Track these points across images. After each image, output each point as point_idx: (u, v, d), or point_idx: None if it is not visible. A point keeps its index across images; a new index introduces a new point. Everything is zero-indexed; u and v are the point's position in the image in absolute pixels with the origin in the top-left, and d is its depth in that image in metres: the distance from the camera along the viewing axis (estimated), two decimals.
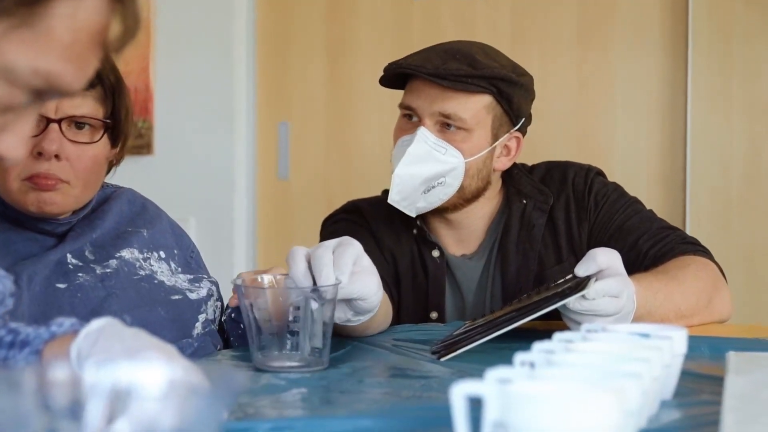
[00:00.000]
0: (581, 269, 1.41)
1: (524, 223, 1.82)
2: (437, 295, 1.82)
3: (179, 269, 1.61)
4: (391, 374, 1.29)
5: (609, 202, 1.81)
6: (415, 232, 1.85)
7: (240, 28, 3.23)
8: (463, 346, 1.34)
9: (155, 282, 1.54)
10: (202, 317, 1.56)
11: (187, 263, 1.64)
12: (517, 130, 1.81)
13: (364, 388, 1.18)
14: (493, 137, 1.78)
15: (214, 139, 3.22)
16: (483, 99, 1.74)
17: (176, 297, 1.54)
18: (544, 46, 3.03)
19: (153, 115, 3.23)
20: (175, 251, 1.63)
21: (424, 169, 1.72)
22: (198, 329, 1.55)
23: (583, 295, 1.35)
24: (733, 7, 2.86)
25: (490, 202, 1.85)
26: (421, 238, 1.85)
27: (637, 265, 1.67)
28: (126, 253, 1.55)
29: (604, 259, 1.40)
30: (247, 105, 3.26)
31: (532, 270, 1.80)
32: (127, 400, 0.64)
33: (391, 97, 1.93)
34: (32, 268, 1.43)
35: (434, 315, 1.82)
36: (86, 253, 1.51)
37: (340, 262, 1.29)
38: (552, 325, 1.52)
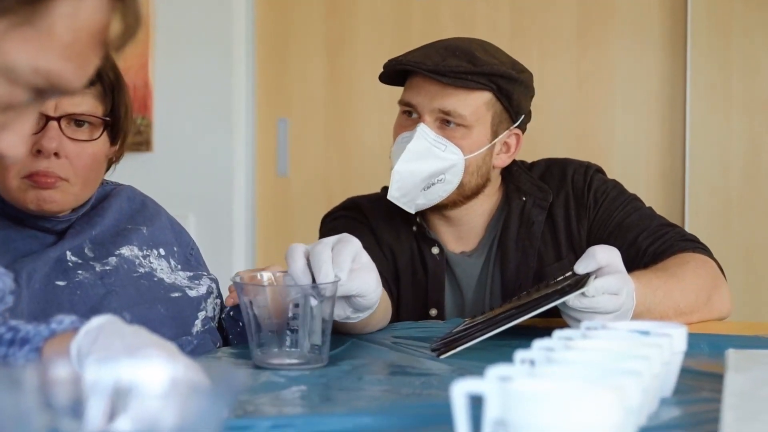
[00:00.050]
0: (581, 266, 1.41)
1: (524, 220, 1.82)
2: (437, 292, 1.82)
3: (179, 266, 1.61)
4: (390, 371, 1.29)
5: (608, 200, 1.81)
6: (414, 229, 1.85)
7: (239, 24, 3.23)
8: (462, 344, 1.34)
9: (155, 279, 1.54)
10: (201, 315, 1.56)
11: (186, 260, 1.64)
12: (517, 127, 1.81)
13: (364, 386, 1.18)
14: (493, 134, 1.78)
15: (213, 136, 3.22)
16: (483, 96, 1.74)
17: (176, 294, 1.54)
18: (544, 44, 3.03)
19: (152, 112, 3.23)
20: (175, 248, 1.63)
21: (424, 165, 1.72)
22: (197, 327, 1.54)
23: (583, 293, 1.35)
24: (732, 4, 2.87)
25: (489, 199, 1.85)
26: (421, 235, 1.85)
27: (636, 262, 1.67)
28: (125, 251, 1.54)
29: (603, 257, 1.40)
30: (247, 102, 3.26)
31: (532, 267, 1.80)
32: (128, 398, 0.64)
33: (391, 94, 1.92)
34: (32, 266, 1.43)
35: (434, 312, 1.82)
36: (86, 251, 1.51)
37: (339, 259, 1.29)
38: (551, 323, 1.52)
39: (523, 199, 1.83)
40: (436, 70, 1.70)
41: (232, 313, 1.57)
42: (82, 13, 0.73)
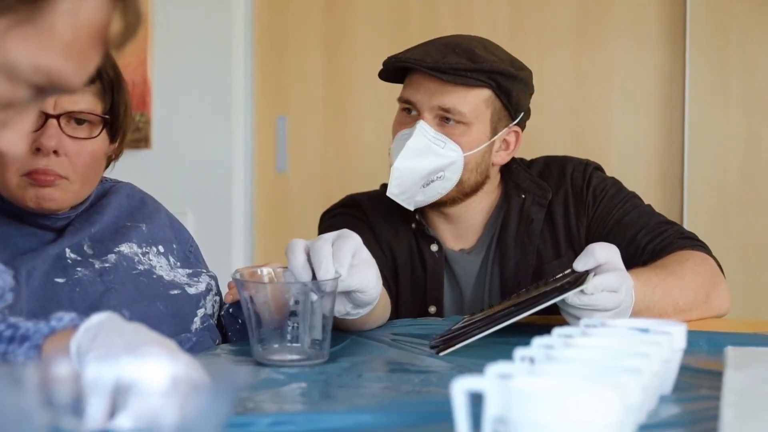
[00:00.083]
0: (580, 264, 1.41)
1: (523, 217, 1.82)
2: (435, 290, 1.83)
3: (178, 264, 1.61)
4: (390, 369, 1.29)
5: (607, 197, 1.81)
6: (413, 227, 1.85)
7: (238, 21, 3.22)
8: (461, 341, 1.34)
9: (154, 277, 1.54)
10: (200, 312, 1.56)
11: (185, 258, 1.64)
12: (516, 125, 1.81)
13: (364, 383, 1.18)
14: (492, 131, 1.78)
15: (212, 133, 3.22)
16: (482, 93, 1.74)
17: (175, 292, 1.54)
18: (542, 41, 3.03)
19: (151, 109, 3.23)
20: (174, 246, 1.63)
21: (423, 162, 1.72)
22: (197, 324, 1.55)
23: (582, 290, 1.35)
24: (731, 2, 2.87)
25: (488, 196, 1.85)
26: (420, 233, 1.85)
27: (635, 259, 1.67)
28: (125, 248, 1.54)
29: (602, 254, 1.41)
30: (245, 99, 3.26)
31: (531, 264, 1.80)
32: (129, 395, 0.64)
33: (389, 92, 1.92)
34: (31, 263, 1.43)
35: (432, 309, 1.82)
36: (85, 248, 1.51)
37: (340, 255, 1.29)
38: (550, 320, 1.52)
39: (522, 196, 1.83)
40: (435, 67, 1.70)
41: (231, 310, 1.57)
42: (83, 11, 0.73)
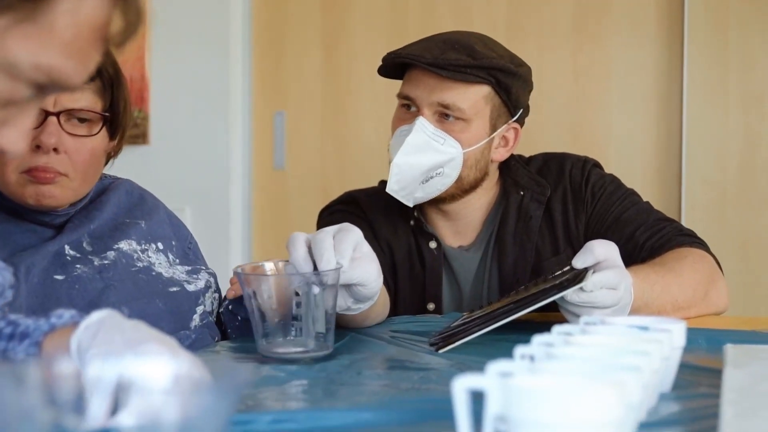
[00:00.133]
0: (579, 261, 1.41)
1: (521, 214, 1.82)
2: (434, 287, 1.83)
3: (177, 261, 1.61)
4: (389, 366, 1.29)
5: (606, 194, 1.81)
6: (412, 224, 1.85)
7: (236, 17, 3.22)
8: (461, 338, 1.34)
9: (153, 274, 1.54)
10: (200, 309, 1.56)
11: (185, 254, 1.64)
12: (515, 121, 1.81)
13: (364, 380, 1.18)
14: (492, 128, 1.78)
15: (210, 129, 3.22)
16: (482, 89, 1.74)
17: (174, 289, 1.54)
18: (540, 38, 3.03)
19: (148, 105, 3.22)
20: (173, 242, 1.63)
21: (423, 159, 1.72)
22: (196, 321, 1.55)
23: (581, 287, 1.35)
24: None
25: (487, 193, 1.85)
26: (418, 230, 1.85)
27: (634, 256, 1.67)
28: (124, 245, 1.54)
29: (601, 251, 1.40)
30: (243, 95, 3.26)
31: (529, 261, 1.80)
32: (130, 393, 0.64)
33: (387, 88, 1.92)
34: (30, 260, 1.43)
35: (431, 306, 1.82)
36: (84, 245, 1.51)
37: (341, 247, 1.29)
38: (549, 317, 1.52)
39: (521, 193, 1.83)
40: (435, 63, 1.70)
41: (230, 307, 1.57)
42: (84, 9, 0.73)
